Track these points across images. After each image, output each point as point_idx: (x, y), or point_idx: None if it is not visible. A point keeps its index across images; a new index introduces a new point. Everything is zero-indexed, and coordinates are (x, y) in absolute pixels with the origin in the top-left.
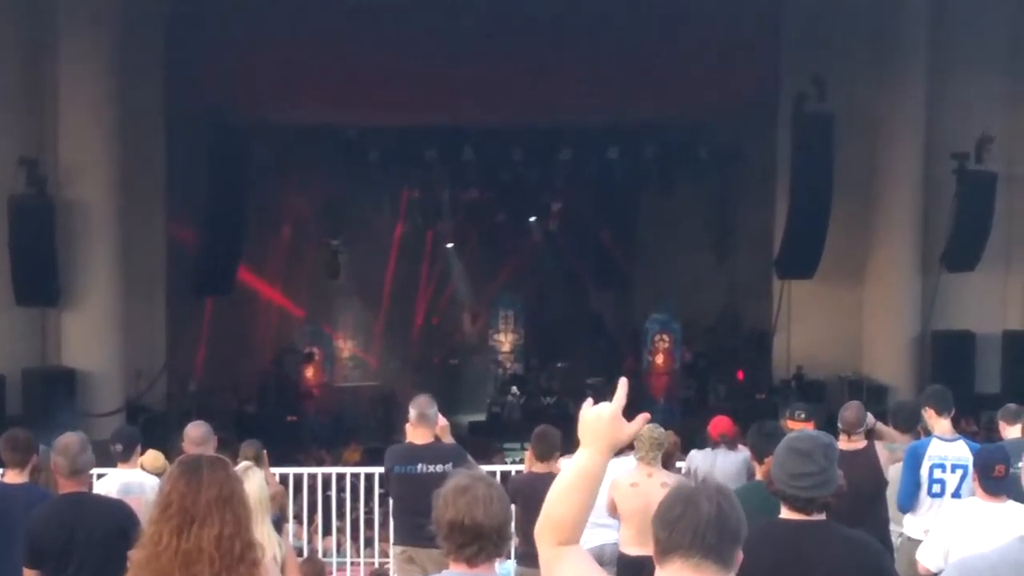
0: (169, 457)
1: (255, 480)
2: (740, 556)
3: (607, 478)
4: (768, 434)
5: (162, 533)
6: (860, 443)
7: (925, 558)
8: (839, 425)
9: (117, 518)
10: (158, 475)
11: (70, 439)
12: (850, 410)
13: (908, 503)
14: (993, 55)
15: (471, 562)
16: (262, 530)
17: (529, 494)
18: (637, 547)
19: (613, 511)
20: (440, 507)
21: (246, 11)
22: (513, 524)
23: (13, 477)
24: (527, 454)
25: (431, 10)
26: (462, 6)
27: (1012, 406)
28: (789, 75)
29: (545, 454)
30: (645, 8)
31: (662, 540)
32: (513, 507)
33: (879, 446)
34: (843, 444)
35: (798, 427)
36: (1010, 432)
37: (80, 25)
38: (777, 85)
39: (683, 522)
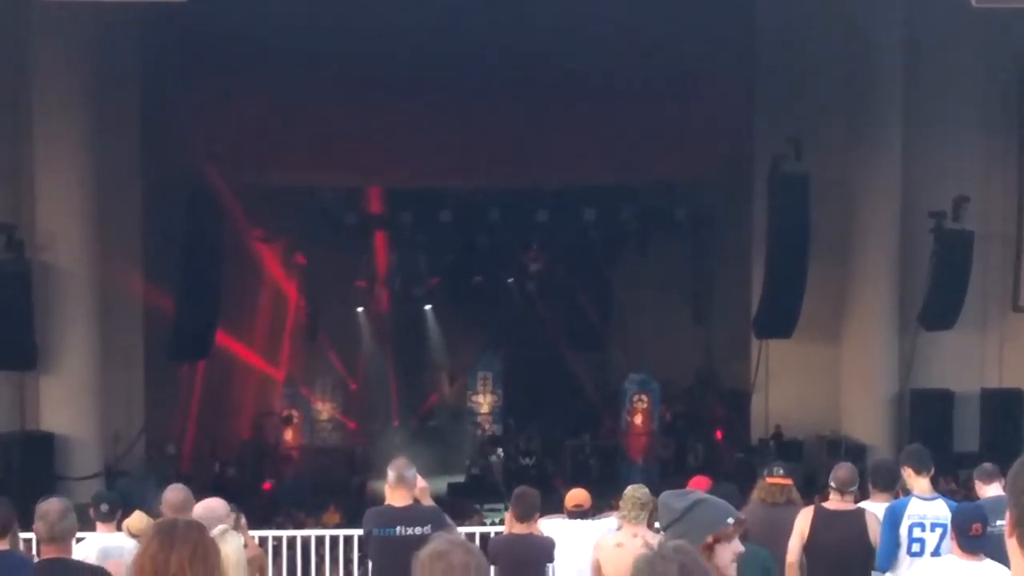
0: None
1: (231, 543)
2: None
3: (593, 538)
4: (725, 494)
5: None
6: (850, 504)
7: None
8: (831, 484)
9: None
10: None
11: (51, 505)
12: (843, 469)
13: (887, 563)
14: (968, 115)
15: None
16: None
17: (509, 556)
18: None
19: (598, 572)
20: (416, 573)
21: (221, 76)
22: None
23: None
24: (507, 515)
25: (408, 74)
26: (439, 70)
27: (987, 466)
28: (764, 138)
29: (525, 515)
30: (621, 72)
31: None
32: (493, 569)
33: (871, 515)
34: (834, 504)
35: (778, 483)
36: (987, 491)
37: (56, 91)
38: (753, 148)
39: None
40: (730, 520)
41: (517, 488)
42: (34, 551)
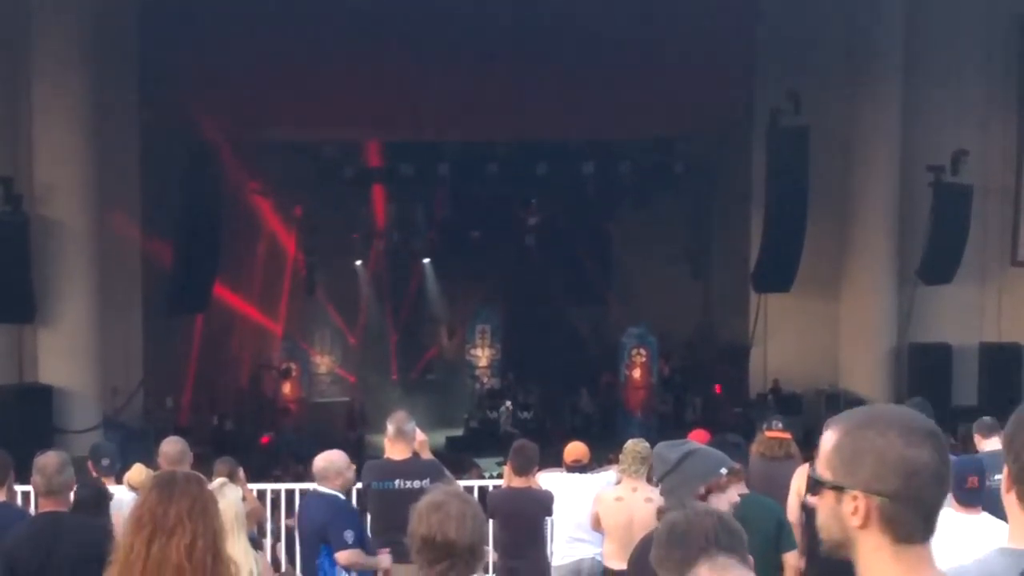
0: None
1: (230, 497)
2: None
3: (591, 492)
4: (732, 444)
5: (133, 544)
6: None
7: None
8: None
9: (94, 538)
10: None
11: (49, 458)
12: None
13: None
14: (967, 69)
15: None
16: (237, 547)
17: (507, 509)
18: (620, 561)
19: (597, 525)
20: (414, 522)
21: (221, 29)
22: (491, 539)
23: None
24: (506, 469)
25: (407, 27)
26: (438, 23)
27: (987, 419)
28: (764, 92)
29: (523, 468)
30: (621, 25)
31: (678, 558)
32: (491, 522)
33: None
34: None
35: (776, 437)
36: (986, 445)
37: (54, 43)
38: (752, 101)
39: (691, 536)
40: (723, 471)
41: (516, 441)
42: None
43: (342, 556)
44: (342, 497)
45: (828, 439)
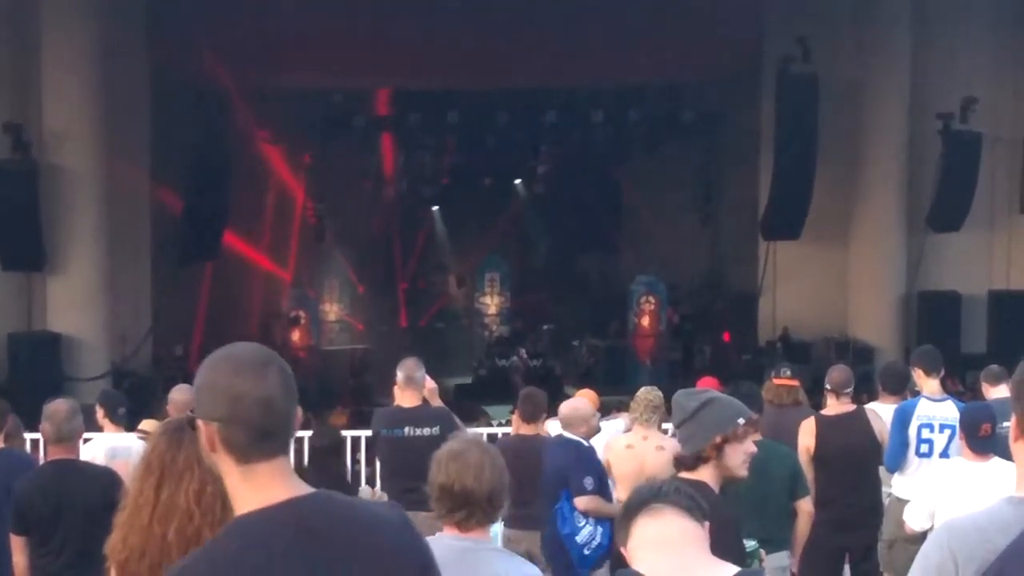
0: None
1: None
2: (707, 527)
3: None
4: (746, 395)
5: (142, 489)
6: (849, 406)
7: (912, 518)
8: (827, 386)
9: (104, 486)
10: None
11: (58, 405)
12: (837, 371)
13: (896, 463)
14: (977, 16)
15: (462, 527)
16: None
17: (516, 457)
18: None
19: (608, 473)
20: (433, 471)
21: None
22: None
23: None
24: (514, 416)
25: None
26: None
27: (994, 367)
28: (773, 39)
29: (532, 416)
30: None
31: (628, 508)
32: None
33: (871, 411)
34: (832, 407)
35: (784, 384)
36: (994, 393)
37: None
38: (761, 49)
39: (642, 487)
40: (740, 420)
41: (524, 389)
42: (41, 451)
43: (581, 502)
44: (585, 444)
45: None
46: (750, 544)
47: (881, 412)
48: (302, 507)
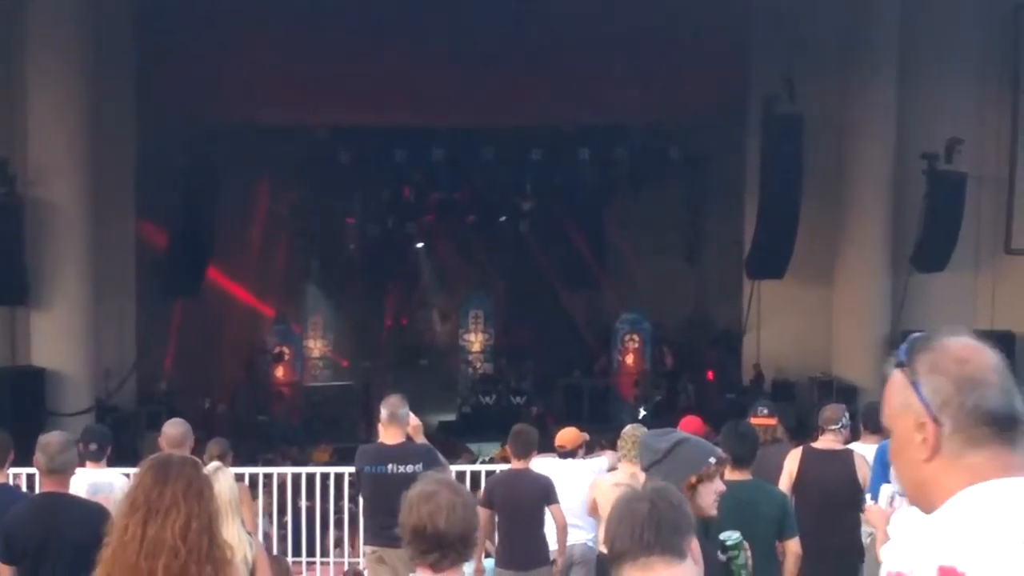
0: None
1: (225, 480)
2: (694, 544)
3: (583, 478)
4: (742, 433)
5: (127, 526)
6: (838, 444)
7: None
8: (820, 424)
9: (92, 520)
10: None
11: (52, 437)
12: (829, 408)
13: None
14: (963, 56)
15: (435, 568)
16: (232, 530)
17: (506, 493)
18: None
19: (594, 511)
20: (404, 512)
21: (216, 12)
22: (496, 523)
23: None
24: (507, 451)
25: (402, 11)
26: (433, 8)
27: None
28: (759, 78)
29: (522, 452)
30: (616, 11)
31: (612, 551)
32: (489, 507)
33: (859, 456)
34: (823, 443)
35: (762, 423)
36: None
37: (49, 25)
38: (747, 88)
39: (622, 528)
40: (712, 460)
41: (515, 425)
42: (35, 484)
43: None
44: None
45: None
46: (733, 536)
47: (863, 451)
48: None
